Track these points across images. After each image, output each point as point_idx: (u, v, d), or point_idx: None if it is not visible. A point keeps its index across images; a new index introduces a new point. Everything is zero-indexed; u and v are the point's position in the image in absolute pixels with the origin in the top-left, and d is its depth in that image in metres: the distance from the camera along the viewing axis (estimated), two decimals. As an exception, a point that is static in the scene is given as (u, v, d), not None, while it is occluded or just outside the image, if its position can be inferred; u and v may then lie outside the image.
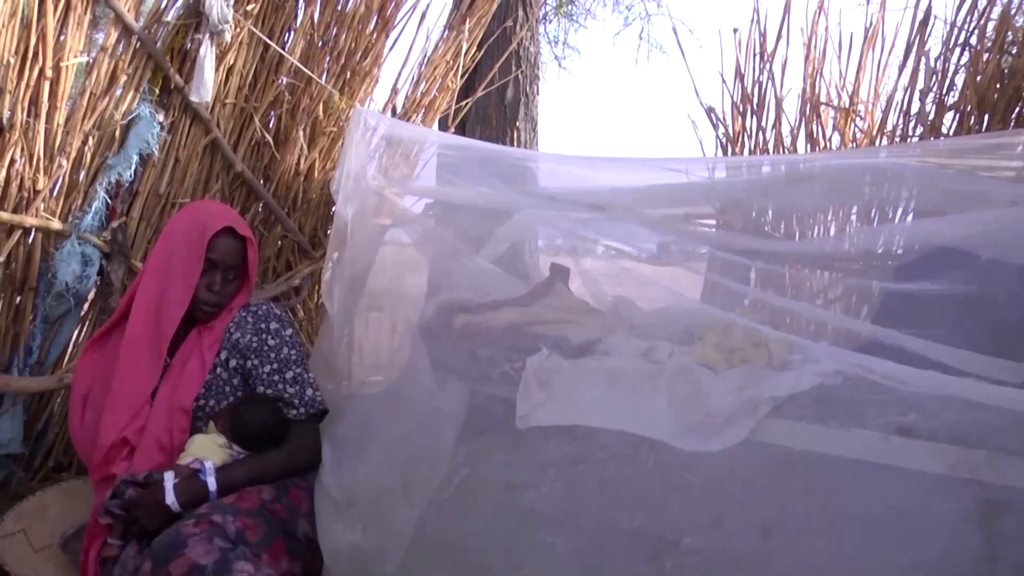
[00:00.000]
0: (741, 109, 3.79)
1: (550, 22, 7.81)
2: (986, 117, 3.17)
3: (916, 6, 3.37)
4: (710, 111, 3.84)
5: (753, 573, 1.70)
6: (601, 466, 1.95)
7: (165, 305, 2.04)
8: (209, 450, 1.99)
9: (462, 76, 3.70)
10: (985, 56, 3.20)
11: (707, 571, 1.74)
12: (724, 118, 3.82)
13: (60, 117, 2.62)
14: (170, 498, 1.82)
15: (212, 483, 1.88)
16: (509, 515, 1.95)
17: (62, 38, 2.57)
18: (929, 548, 1.55)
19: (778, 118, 3.73)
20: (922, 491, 1.66)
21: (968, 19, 3.27)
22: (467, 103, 3.86)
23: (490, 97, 4.16)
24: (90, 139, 2.72)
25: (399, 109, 3.55)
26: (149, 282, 2.08)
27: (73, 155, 2.69)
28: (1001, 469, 1.71)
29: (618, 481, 1.92)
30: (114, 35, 2.70)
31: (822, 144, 3.66)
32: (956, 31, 3.30)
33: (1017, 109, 3.14)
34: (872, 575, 1.60)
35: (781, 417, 2.00)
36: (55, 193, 2.70)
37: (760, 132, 3.75)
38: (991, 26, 3.23)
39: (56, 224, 2.68)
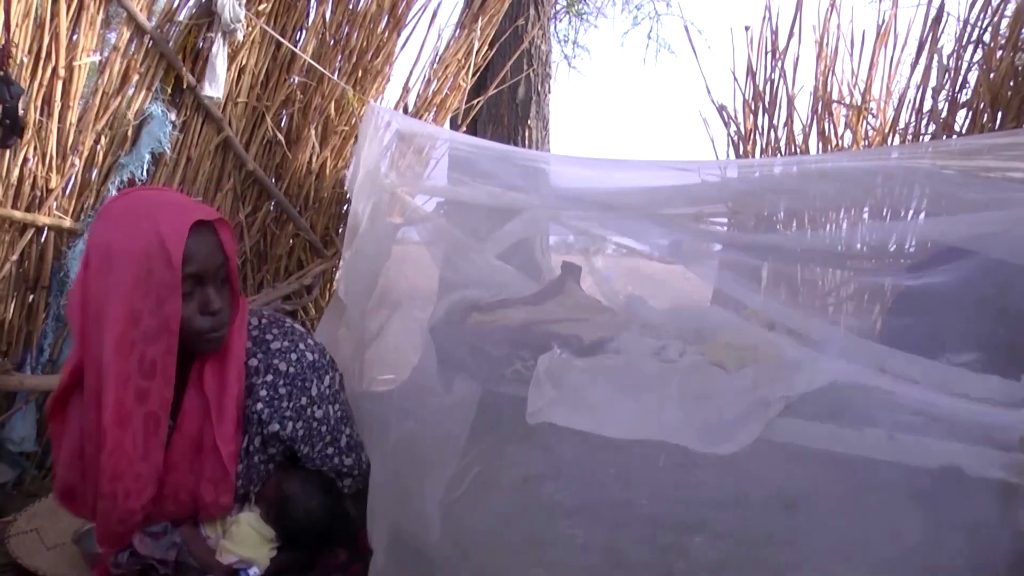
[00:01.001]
0: (753, 107, 3.78)
1: (560, 21, 7.81)
2: (999, 115, 3.15)
3: (929, 3, 3.35)
4: (722, 109, 3.83)
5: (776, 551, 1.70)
6: (615, 454, 1.94)
7: (147, 368, 1.45)
8: (256, 547, 1.66)
9: (474, 74, 3.70)
10: (999, 53, 3.18)
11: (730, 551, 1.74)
12: (736, 116, 3.81)
13: (73, 116, 2.63)
14: None
15: None
16: (523, 510, 1.95)
17: (75, 37, 2.59)
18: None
19: (790, 116, 3.72)
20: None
21: (982, 16, 3.25)
22: (479, 101, 3.86)
23: (502, 95, 4.16)
24: (103, 138, 2.74)
25: (411, 108, 3.55)
26: (99, 344, 1.43)
27: (86, 154, 2.70)
28: (1017, 468, 1.70)
29: (633, 472, 1.92)
30: (126, 34, 2.71)
31: (834, 142, 3.65)
32: (969, 28, 3.28)
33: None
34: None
35: (793, 416, 1.99)
36: (68, 192, 2.72)
37: (772, 130, 3.74)
38: (1005, 23, 3.20)
39: (68, 223, 2.69)
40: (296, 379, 1.65)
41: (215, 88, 2.86)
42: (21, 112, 2.45)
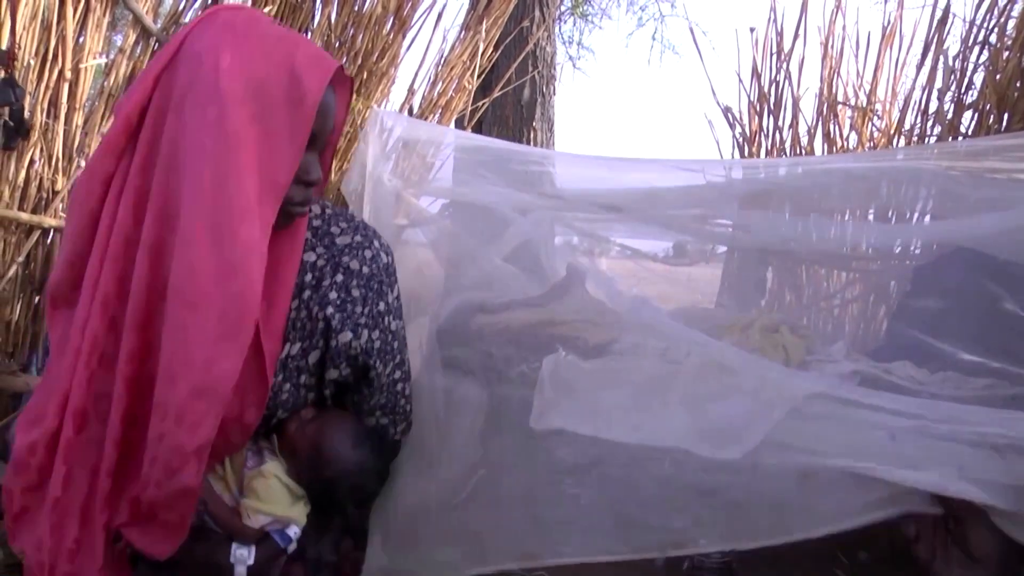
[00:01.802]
0: (758, 108, 3.77)
1: (565, 22, 7.82)
2: (1006, 116, 3.14)
3: (935, 4, 3.35)
4: (727, 111, 3.83)
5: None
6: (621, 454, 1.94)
7: (244, 206, 1.12)
8: (289, 505, 1.37)
9: (479, 76, 3.70)
10: (1005, 54, 3.17)
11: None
12: (741, 118, 3.81)
13: (79, 118, 2.64)
14: None
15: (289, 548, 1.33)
16: (529, 513, 1.95)
17: (81, 40, 2.59)
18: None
19: (795, 117, 3.71)
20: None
21: (988, 17, 3.24)
22: (484, 103, 3.86)
23: (507, 97, 4.17)
24: (109, 140, 2.74)
25: (416, 109, 3.55)
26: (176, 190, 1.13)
27: (91, 156, 2.71)
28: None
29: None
30: (132, 37, 2.72)
31: (839, 144, 3.64)
32: (975, 29, 3.28)
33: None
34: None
35: (798, 418, 1.99)
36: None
37: (777, 132, 3.73)
38: (1012, 24, 3.20)
39: (75, 224, 2.70)
40: (372, 281, 1.38)
41: None
42: (27, 114, 2.46)
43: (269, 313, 1.21)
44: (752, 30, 3.76)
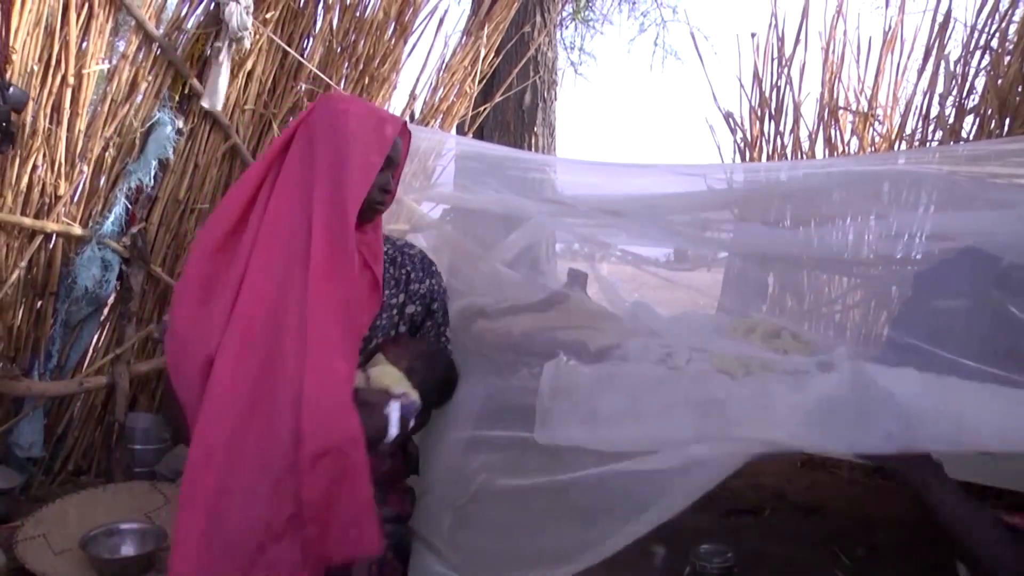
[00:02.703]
0: (759, 114, 3.78)
1: (566, 28, 7.82)
2: (1007, 121, 3.14)
3: (935, 9, 3.35)
4: (728, 116, 3.83)
5: None
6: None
7: (338, 201, 1.59)
8: (403, 383, 1.74)
9: (480, 82, 3.71)
10: (1006, 59, 3.17)
11: None
12: (742, 123, 3.81)
13: (81, 124, 2.65)
14: (393, 431, 1.62)
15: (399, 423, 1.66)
16: (529, 517, 1.95)
17: (84, 45, 2.60)
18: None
19: (796, 123, 3.71)
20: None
21: (989, 22, 3.24)
22: (485, 108, 3.87)
23: (508, 102, 4.17)
24: (111, 145, 2.75)
25: (417, 115, 3.55)
26: (300, 178, 1.62)
27: (94, 161, 2.72)
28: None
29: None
30: (135, 42, 2.73)
31: (840, 149, 3.64)
32: (976, 34, 3.28)
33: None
34: None
35: (800, 423, 1.99)
36: (76, 199, 2.74)
37: (778, 137, 3.73)
38: (1013, 29, 3.20)
39: (77, 229, 2.71)
40: (423, 261, 1.97)
41: (214, 101, 2.86)
42: (29, 119, 2.47)
43: (375, 262, 1.72)
44: (753, 35, 3.76)
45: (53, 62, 2.54)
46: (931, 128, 3.43)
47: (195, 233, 3.03)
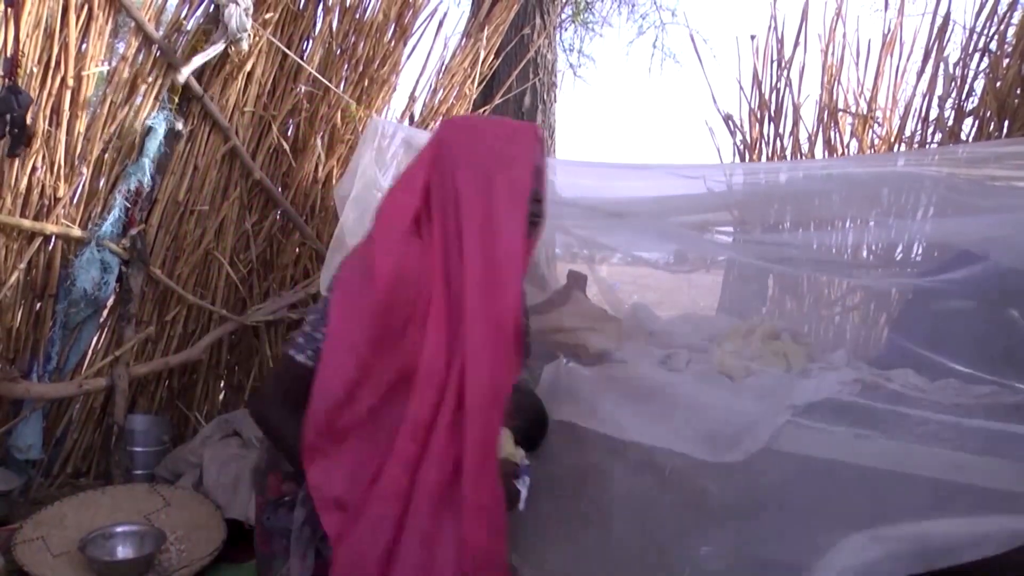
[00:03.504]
0: (759, 116, 3.77)
1: (566, 30, 7.81)
2: (1006, 123, 3.14)
3: (935, 11, 3.35)
4: (728, 118, 3.82)
5: None
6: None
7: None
8: (514, 448, 1.72)
9: (479, 84, 3.71)
10: (1005, 61, 3.17)
11: None
12: (742, 125, 3.80)
13: (81, 125, 2.65)
14: (523, 505, 1.64)
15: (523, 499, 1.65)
16: (529, 520, 1.95)
17: (84, 47, 2.60)
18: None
19: (796, 125, 3.71)
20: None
21: (988, 24, 3.24)
22: (485, 110, 3.87)
23: (507, 104, 4.17)
24: (110, 147, 2.75)
25: (417, 117, 3.56)
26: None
27: (93, 163, 2.72)
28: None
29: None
30: (135, 44, 2.73)
31: (840, 151, 3.64)
32: (975, 36, 3.28)
33: (1039, 116, 3.11)
34: None
35: (799, 426, 1.99)
36: (75, 201, 2.73)
37: (778, 139, 3.73)
38: (1012, 31, 3.20)
39: (76, 231, 2.70)
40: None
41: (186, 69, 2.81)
42: (29, 121, 2.46)
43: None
44: (753, 38, 3.76)
45: (53, 64, 2.53)
46: (930, 130, 3.43)
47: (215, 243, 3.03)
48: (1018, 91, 3.11)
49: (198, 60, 2.80)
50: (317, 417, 1.45)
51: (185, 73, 2.79)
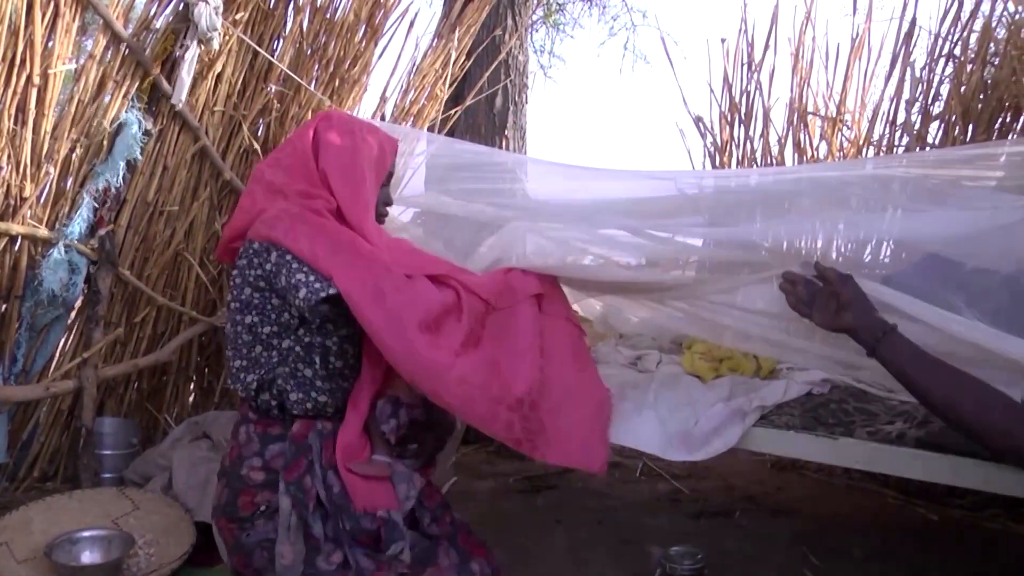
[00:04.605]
0: (729, 118, 3.81)
1: (537, 31, 7.82)
2: (970, 127, 3.20)
3: (901, 17, 3.40)
4: (698, 120, 3.86)
5: None
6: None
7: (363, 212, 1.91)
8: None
9: (451, 85, 3.71)
10: (969, 67, 3.23)
11: None
12: (712, 127, 3.84)
13: (48, 124, 2.61)
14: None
15: None
16: (502, 518, 1.96)
17: (50, 44, 2.56)
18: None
19: (766, 127, 3.75)
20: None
21: (952, 30, 3.30)
22: (456, 111, 3.87)
23: (479, 105, 4.17)
24: (78, 146, 2.71)
25: (388, 118, 3.55)
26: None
27: (60, 162, 2.68)
28: (983, 478, 1.73)
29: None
30: (103, 42, 2.69)
31: (810, 153, 3.68)
32: (940, 42, 3.33)
33: (1000, 120, 3.18)
34: None
35: (769, 426, 2.01)
36: (42, 201, 2.69)
37: (748, 141, 3.77)
38: (974, 38, 3.26)
39: (43, 232, 2.66)
40: None
41: (176, 96, 2.82)
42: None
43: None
44: (723, 41, 3.79)
45: (18, 61, 2.49)
46: (898, 134, 3.48)
47: (179, 239, 3.01)
48: (981, 96, 3.17)
49: (187, 77, 2.80)
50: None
51: (175, 98, 2.83)
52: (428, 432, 1.93)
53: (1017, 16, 3.04)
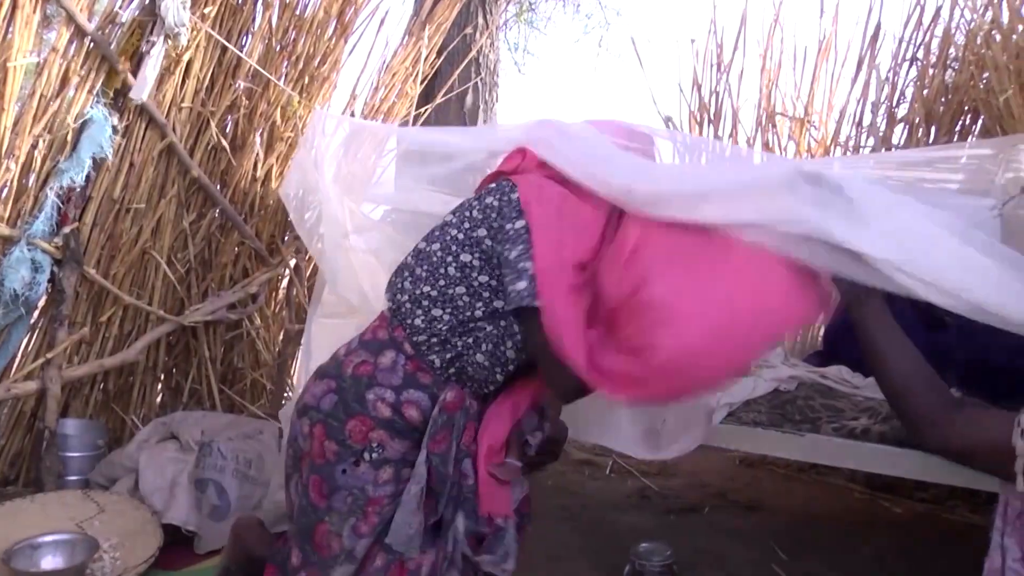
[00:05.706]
0: (698, 119, 3.84)
1: (510, 29, 7.83)
2: (933, 130, 3.25)
3: (867, 21, 3.45)
4: (668, 120, 3.88)
5: None
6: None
7: None
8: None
9: (422, 82, 3.70)
10: (931, 71, 3.28)
11: None
12: (682, 127, 3.87)
13: (8, 119, 2.56)
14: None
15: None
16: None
17: (9, 37, 2.52)
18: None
19: (735, 128, 3.79)
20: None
21: (915, 35, 3.36)
22: (427, 110, 3.86)
23: (450, 104, 4.16)
24: (40, 142, 2.67)
25: (358, 115, 3.53)
26: None
27: (22, 159, 2.63)
28: (947, 472, 1.76)
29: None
30: (66, 35, 2.65)
31: (777, 153, 3.73)
32: (904, 46, 3.39)
33: (960, 123, 3.24)
34: None
35: (737, 422, 2.03)
36: (3, 197, 2.64)
37: (717, 141, 3.80)
38: (936, 42, 3.31)
39: (4, 230, 2.62)
40: None
41: (140, 93, 2.78)
42: None
43: None
44: (693, 42, 3.82)
45: (-25, 55, 2.45)
46: (864, 135, 3.53)
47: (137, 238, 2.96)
48: (943, 100, 3.23)
49: (151, 74, 2.76)
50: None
51: (136, 94, 2.77)
52: (557, 445, 1.85)
53: (973, 23, 3.09)
